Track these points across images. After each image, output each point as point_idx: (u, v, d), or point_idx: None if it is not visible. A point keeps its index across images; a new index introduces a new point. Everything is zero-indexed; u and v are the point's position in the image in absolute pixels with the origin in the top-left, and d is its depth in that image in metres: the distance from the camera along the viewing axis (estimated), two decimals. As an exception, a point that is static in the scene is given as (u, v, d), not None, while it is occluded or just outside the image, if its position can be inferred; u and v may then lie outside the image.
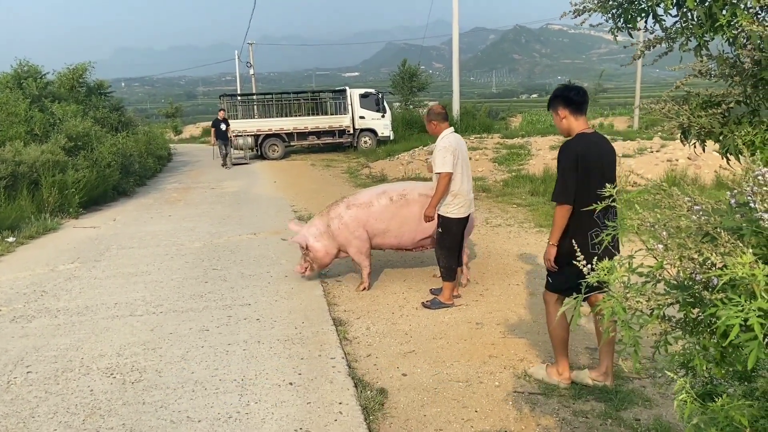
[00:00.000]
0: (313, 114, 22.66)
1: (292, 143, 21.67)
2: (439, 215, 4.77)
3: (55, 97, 16.07)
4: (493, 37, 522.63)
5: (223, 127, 18.30)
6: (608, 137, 3.40)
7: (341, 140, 21.95)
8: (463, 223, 4.88)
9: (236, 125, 19.98)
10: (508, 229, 7.68)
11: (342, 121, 21.75)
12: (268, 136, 21.01)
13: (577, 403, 3.28)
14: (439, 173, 4.66)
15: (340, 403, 3.28)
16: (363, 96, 22.12)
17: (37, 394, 3.53)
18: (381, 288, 5.49)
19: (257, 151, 20.94)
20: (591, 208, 2.30)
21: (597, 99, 40.36)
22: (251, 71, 42.14)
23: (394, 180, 13.26)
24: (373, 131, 22.15)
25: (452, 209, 4.72)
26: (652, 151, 12.45)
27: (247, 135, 20.40)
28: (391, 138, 22.11)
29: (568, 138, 3.45)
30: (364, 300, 5.18)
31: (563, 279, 3.36)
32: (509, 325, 4.46)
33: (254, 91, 35.17)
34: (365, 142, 22.09)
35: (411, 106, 30.14)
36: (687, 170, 10.68)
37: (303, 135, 21.35)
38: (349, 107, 21.86)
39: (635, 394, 3.33)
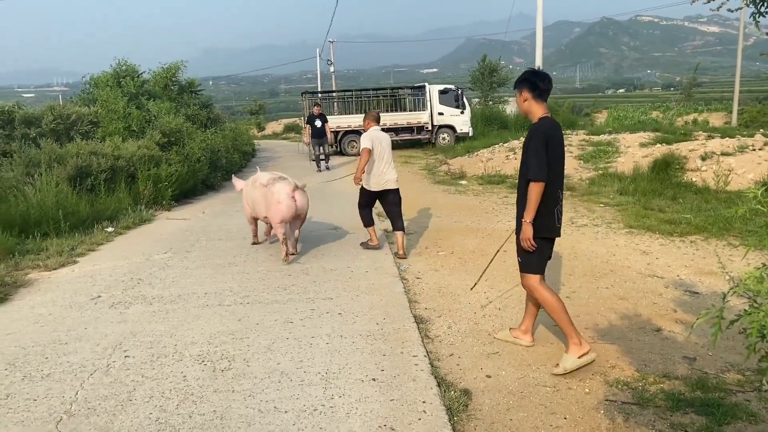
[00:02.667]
0: (391, 110, 22.75)
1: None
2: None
3: (150, 94, 16.97)
4: (578, 30, 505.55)
5: (318, 123, 16.34)
6: (705, 134, 3.34)
7: (419, 137, 21.92)
8: (374, 195, 6.76)
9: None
10: (594, 229, 7.39)
11: (420, 117, 21.71)
12: (347, 133, 21.30)
13: (675, 415, 3.09)
14: (361, 150, 6.77)
15: (424, 402, 3.25)
16: (442, 92, 21.98)
17: (134, 378, 3.71)
18: (463, 287, 5.41)
19: (336, 147, 21.26)
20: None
21: (692, 94, 38.09)
22: (332, 69, 42.89)
23: (472, 177, 13.08)
24: (451, 128, 21.98)
25: (366, 183, 6.71)
26: (754, 149, 11.60)
27: (329, 130, 20.77)
28: (470, 134, 21.86)
29: (538, 120, 3.77)
30: (445, 298, 5.12)
31: (543, 257, 3.73)
32: (599, 329, 4.27)
33: (334, 88, 35.77)
34: (443, 139, 21.96)
35: (491, 102, 29.67)
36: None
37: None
38: (428, 103, 21.78)
39: (739, 408, 3.09)
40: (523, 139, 5.49)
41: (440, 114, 21.87)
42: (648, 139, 12.79)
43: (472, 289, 5.25)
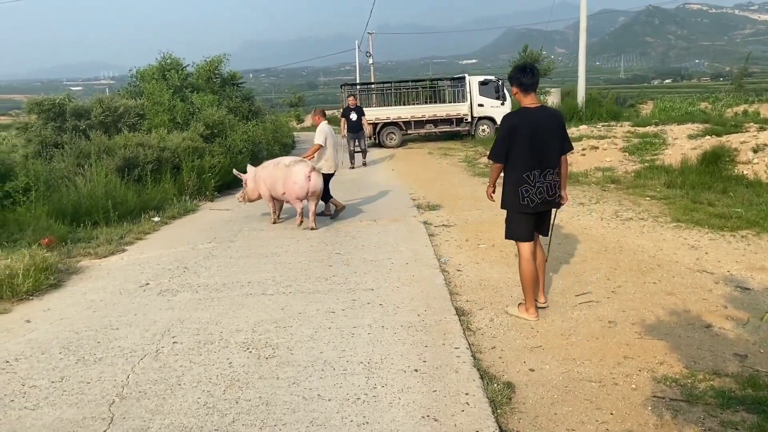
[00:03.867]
0: (430, 102, 22.64)
1: (409, 131, 21.80)
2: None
3: (194, 87, 17.29)
4: (623, 19, 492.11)
5: (354, 116, 15.39)
6: (756, 126, 3.35)
7: (459, 128, 21.75)
8: (328, 176, 8.46)
9: None
10: (641, 223, 7.21)
11: (460, 109, 21.53)
12: (385, 125, 21.30)
13: (725, 413, 3.00)
14: (315, 144, 8.37)
15: (467, 394, 3.24)
16: (482, 83, 21.74)
17: (183, 363, 3.82)
18: (504, 279, 5.36)
19: (375, 139, 21.28)
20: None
21: (742, 84, 36.71)
22: (370, 60, 42.87)
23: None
24: (491, 119, 21.73)
25: (321, 166, 8.27)
26: (810, 142, 11.12)
27: (367, 123, 20.81)
28: (511, 126, 21.56)
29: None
30: (486, 291, 5.09)
31: (520, 228, 4.36)
32: (646, 325, 4.17)
33: (372, 80, 35.75)
34: (483, 131, 21.74)
35: (532, 93, 29.18)
36: None
37: (420, 123, 21.40)
38: (468, 95, 21.58)
39: (793, 408, 2.99)
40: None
41: (480, 105, 21.64)
42: (697, 130, 12.38)
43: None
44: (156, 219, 8.89)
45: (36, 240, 6.95)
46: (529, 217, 4.33)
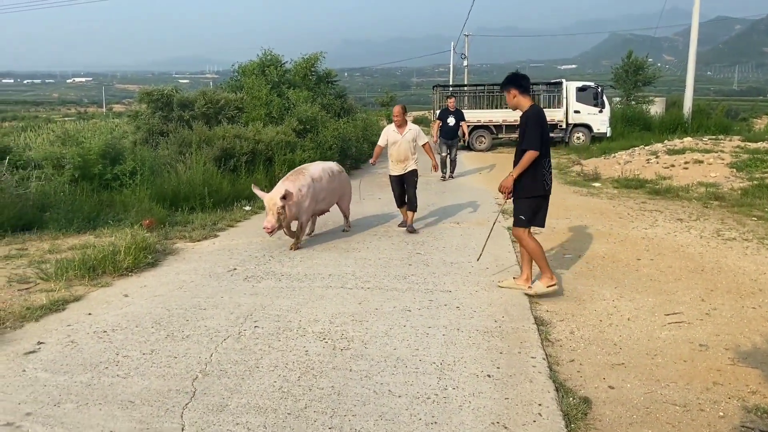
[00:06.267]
0: (524, 107, 22.15)
1: (499, 135, 21.48)
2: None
3: (290, 83, 17.86)
4: (740, 27, 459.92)
5: (452, 121, 13.36)
6: None
7: (551, 135, 21.15)
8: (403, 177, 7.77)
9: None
10: (744, 244, 6.72)
11: (554, 114, 20.94)
12: (476, 128, 21.07)
13: (828, 457, 2.75)
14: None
15: (540, 405, 3.15)
16: (580, 89, 21.05)
17: (262, 347, 3.96)
18: (588, 292, 5.17)
19: (464, 142, 21.11)
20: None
21: None
22: (465, 62, 42.56)
23: (607, 179, 12.43)
24: (587, 127, 21.01)
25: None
26: None
27: (466, 127, 20.68)
28: (608, 135, 20.74)
29: (529, 107, 4.93)
30: (569, 302, 4.92)
31: (531, 214, 4.93)
32: (741, 351, 3.89)
33: (466, 82, 35.47)
34: (578, 138, 21.05)
35: (633, 102, 27.88)
36: None
37: (511, 127, 21.00)
38: (564, 100, 20.97)
39: None
40: (667, 142, 5.72)
41: (576, 112, 20.97)
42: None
43: (477, 260, 5.95)
44: (247, 208, 9.28)
45: (138, 221, 7.46)
46: (540, 202, 4.96)
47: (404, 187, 7.74)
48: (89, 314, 4.59)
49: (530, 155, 4.73)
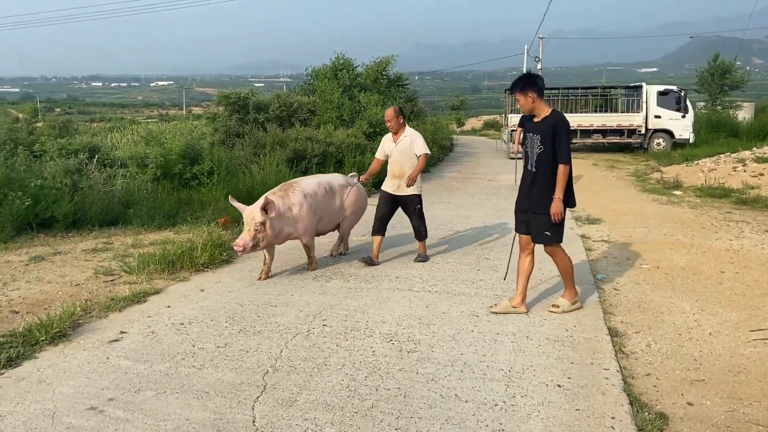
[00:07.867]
0: (600, 111, 21.47)
1: (574, 141, 20.85)
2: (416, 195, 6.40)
3: (362, 87, 18.08)
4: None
5: None
6: None
7: (630, 140, 20.41)
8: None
9: (515, 119, 19.97)
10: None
11: (633, 119, 20.19)
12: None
13: None
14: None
15: (613, 418, 3.04)
16: (662, 93, 20.17)
17: (330, 346, 4.02)
18: (667, 304, 4.94)
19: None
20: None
21: None
22: (539, 66, 41.68)
23: (689, 188, 11.85)
24: (668, 132, 20.11)
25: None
26: None
27: None
28: (691, 141, 19.76)
29: (550, 112, 4.62)
30: (645, 314, 4.72)
31: (563, 229, 4.60)
32: (839, 376, 3.60)
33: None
34: (658, 144, 20.18)
35: (719, 107, 26.46)
36: None
37: (587, 132, 20.39)
38: (644, 105, 20.15)
39: None
40: (756, 149, 5.32)
41: (657, 117, 20.10)
42: None
43: (504, 279, 5.29)
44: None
45: (214, 219, 7.75)
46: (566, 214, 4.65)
47: (393, 211, 6.46)
48: (168, 307, 4.81)
49: (566, 170, 4.41)
